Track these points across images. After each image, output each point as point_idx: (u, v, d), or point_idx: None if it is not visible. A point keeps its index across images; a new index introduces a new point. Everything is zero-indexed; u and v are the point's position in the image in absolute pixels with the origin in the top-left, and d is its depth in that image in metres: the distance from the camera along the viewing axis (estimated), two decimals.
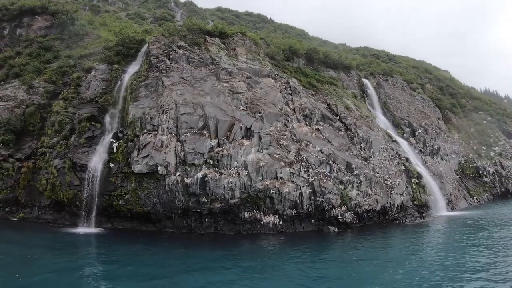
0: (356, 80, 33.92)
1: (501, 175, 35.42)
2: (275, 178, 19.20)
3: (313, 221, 19.86)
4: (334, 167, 20.98)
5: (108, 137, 21.14)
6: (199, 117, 19.98)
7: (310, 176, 19.90)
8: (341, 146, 22.75)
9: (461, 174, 32.82)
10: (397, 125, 31.87)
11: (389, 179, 23.12)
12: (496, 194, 34.17)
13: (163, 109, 20.21)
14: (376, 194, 21.79)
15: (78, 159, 20.24)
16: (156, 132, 19.60)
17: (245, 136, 20.09)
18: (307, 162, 20.37)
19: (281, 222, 19.17)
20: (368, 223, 21.43)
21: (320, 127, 23.42)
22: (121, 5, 52.49)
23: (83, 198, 19.13)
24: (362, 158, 23.11)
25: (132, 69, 24.23)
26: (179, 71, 22.60)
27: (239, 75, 23.01)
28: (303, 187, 19.54)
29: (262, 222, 18.79)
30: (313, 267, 13.49)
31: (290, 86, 24.54)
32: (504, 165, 36.47)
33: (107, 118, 22.13)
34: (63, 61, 25.86)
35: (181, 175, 18.54)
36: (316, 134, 22.71)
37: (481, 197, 32.48)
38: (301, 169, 19.93)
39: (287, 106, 23.16)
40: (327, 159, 21.06)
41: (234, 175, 18.69)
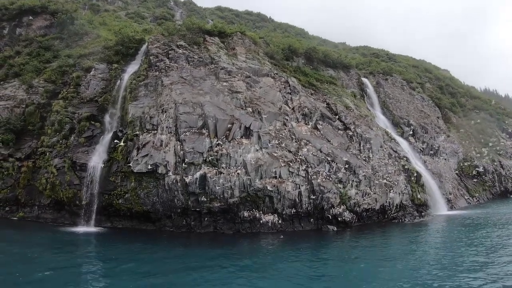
0: (356, 79, 33.89)
1: (500, 174, 35.44)
2: (274, 177, 19.24)
3: (312, 220, 19.91)
4: (333, 166, 21.02)
5: (108, 136, 21.19)
6: (198, 116, 20.02)
7: (309, 175, 19.95)
8: (340, 145, 22.78)
9: (460, 173, 32.82)
10: (396, 124, 31.88)
11: (388, 178, 23.15)
12: (496, 193, 34.20)
13: (162, 108, 20.25)
14: (375, 193, 21.83)
15: (78, 159, 20.29)
16: (156, 131, 19.64)
17: (244, 135, 20.13)
18: (306, 161, 20.41)
19: (280, 221, 19.22)
20: (367, 222, 21.47)
21: (319, 126, 23.45)
22: (120, 4, 52.46)
23: (82, 197, 19.18)
24: (361, 157, 23.15)
25: (131, 69, 24.28)
26: (179, 70, 22.64)
27: (238, 74, 23.04)
28: (302, 186, 19.58)
29: (262, 221, 18.84)
30: (311, 266, 13.54)
31: (290, 85, 24.56)
32: (503, 164, 36.49)
33: (107, 118, 22.18)
34: (62, 60, 25.89)
35: (181, 174, 18.59)
36: (315, 133, 22.75)
37: (481, 196, 32.51)
38: (300, 168, 19.97)
39: (286, 105, 23.19)
40: (326, 158, 21.10)
41: (233, 174, 18.74)
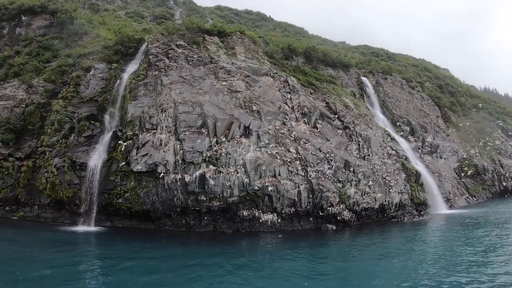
0: (355, 79, 33.90)
1: (500, 173, 35.44)
2: (274, 176, 19.29)
3: (311, 219, 19.96)
4: (333, 166, 21.06)
5: (108, 136, 21.24)
6: (197, 115, 20.06)
7: (309, 174, 19.99)
8: (339, 144, 22.82)
9: (460, 172, 32.83)
10: (396, 123, 31.89)
11: (387, 177, 23.19)
12: (495, 193, 34.20)
13: (162, 108, 20.30)
14: (374, 192, 21.87)
15: (78, 158, 20.34)
16: (155, 131, 19.69)
17: (244, 135, 20.18)
18: (305, 161, 20.46)
19: (279, 220, 19.27)
20: (366, 221, 21.51)
21: (318, 126, 23.49)
22: (120, 3, 52.45)
23: (82, 197, 19.24)
24: (361, 157, 23.19)
25: (131, 68, 24.30)
26: (178, 70, 22.68)
27: (237, 73, 23.07)
28: (301, 185, 19.63)
29: (261, 220, 18.89)
30: (310, 264, 13.59)
31: (289, 85, 24.59)
32: (503, 163, 36.49)
33: (107, 117, 22.22)
34: (62, 60, 25.90)
35: (180, 173, 18.64)
36: (315, 133, 22.78)
37: (480, 195, 32.54)
38: (300, 167, 20.01)
39: (285, 105, 23.23)
40: (325, 158, 21.15)
41: (232, 173, 18.78)
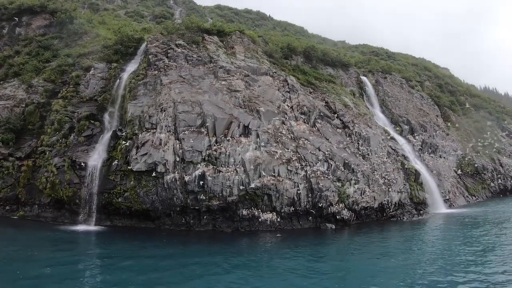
0: (355, 78, 33.91)
1: (499, 172, 35.48)
2: (273, 175, 19.33)
3: (310, 218, 20.00)
4: (332, 165, 21.10)
5: (107, 135, 21.30)
6: (197, 115, 20.11)
7: (308, 174, 20.03)
8: (338, 143, 22.85)
9: (459, 171, 32.90)
10: (395, 122, 31.92)
11: (386, 176, 23.23)
12: (495, 192, 34.25)
13: (161, 107, 20.34)
14: (373, 192, 21.92)
15: (78, 158, 20.39)
16: (155, 130, 19.74)
17: (243, 134, 20.23)
18: (304, 160, 20.50)
19: (279, 219, 19.31)
20: (365, 220, 21.57)
21: (318, 125, 23.52)
22: (120, 3, 52.47)
23: (82, 196, 19.31)
24: (360, 156, 23.22)
25: (130, 68, 24.35)
26: (178, 69, 22.71)
27: (237, 73, 23.10)
28: (300, 184, 19.67)
29: (260, 219, 18.93)
30: (309, 263, 13.63)
31: (288, 84, 24.62)
32: (502, 162, 36.53)
33: (106, 117, 22.27)
34: (62, 60, 25.93)
35: (180, 173, 18.70)
36: (314, 132, 22.81)
37: (480, 194, 32.59)
38: (299, 166, 20.05)
39: (285, 104, 23.26)
40: (324, 157, 21.19)
41: (232, 172, 18.83)
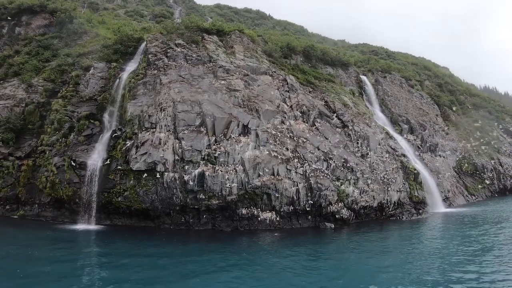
0: (354, 77, 33.91)
1: (499, 172, 35.50)
2: (272, 174, 19.38)
3: (310, 217, 20.07)
4: (331, 164, 21.15)
5: (107, 135, 21.35)
6: (196, 114, 20.15)
7: (307, 173, 20.07)
8: (338, 143, 22.89)
9: (459, 171, 32.91)
10: (395, 122, 31.95)
11: (386, 175, 23.27)
12: (494, 191, 34.28)
13: (161, 107, 20.38)
14: (373, 191, 21.96)
15: (78, 157, 20.44)
16: (154, 129, 19.78)
17: (242, 133, 20.26)
18: (304, 159, 20.54)
19: (278, 219, 19.36)
20: (365, 220, 21.63)
21: (317, 124, 23.56)
22: (119, 2, 52.45)
23: (82, 195, 19.35)
24: (359, 155, 23.26)
25: (130, 67, 24.39)
26: (177, 69, 22.74)
27: (236, 72, 23.12)
28: (300, 183, 19.72)
29: (260, 219, 18.99)
30: (308, 263, 13.69)
31: (288, 83, 24.65)
32: (502, 162, 36.53)
33: (106, 116, 22.31)
34: (62, 59, 25.95)
35: (179, 172, 18.74)
36: (313, 131, 22.85)
37: (479, 194, 32.62)
38: (298, 165, 20.09)
39: (284, 103, 23.29)
40: (324, 156, 21.23)
41: (231, 172, 18.88)
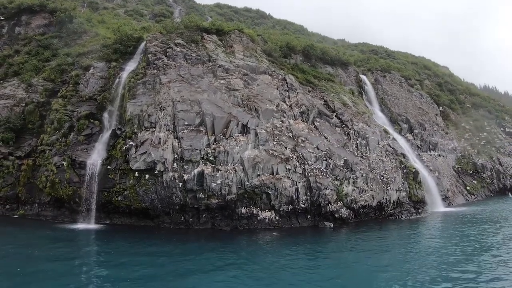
0: (354, 76, 33.93)
1: (499, 171, 35.50)
2: (272, 174, 19.41)
3: (309, 216, 20.11)
4: (330, 163, 21.18)
5: (107, 134, 21.40)
6: (196, 114, 20.18)
7: (306, 172, 20.11)
8: (337, 142, 22.92)
9: (458, 170, 32.94)
10: (394, 121, 31.98)
11: (385, 175, 23.30)
12: (494, 191, 34.30)
13: (160, 106, 20.42)
14: (372, 190, 22.00)
15: (77, 156, 20.49)
16: (154, 129, 19.82)
17: (242, 133, 20.29)
18: (303, 158, 20.57)
19: (277, 218, 19.41)
20: (364, 219, 21.66)
21: (316, 124, 23.59)
22: (119, 1, 52.39)
23: (82, 195, 19.40)
24: (358, 154, 23.28)
25: (130, 67, 24.42)
26: (176, 68, 22.77)
27: (235, 72, 23.15)
28: (299, 183, 19.76)
29: (259, 218, 19.03)
30: (307, 262, 13.75)
31: (287, 83, 24.67)
32: (502, 161, 36.54)
33: (106, 116, 22.36)
34: (61, 59, 26.00)
35: (179, 171, 18.78)
36: (313, 131, 22.88)
37: (479, 193, 32.64)
38: (297, 165, 20.13)
39: (283, 103, 23.31)
40: (323, 155, 21.26)
41: (230, 171, 18.92)
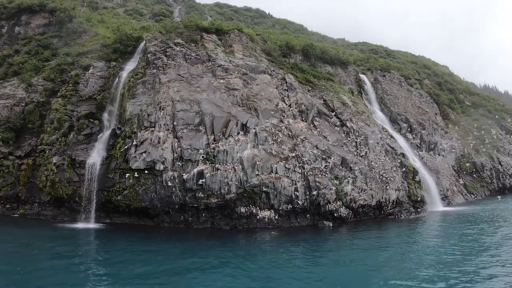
0: (354, 76, 33.95)
1: (498, 170, 35.54)
2: (271, 173, 19.45)
3: (308, 216, 20.15)
4: (330, 163, 21.22)
5: (107, 134, 21.44)
6: (195, 113, 20.22)
7: (306, 172, 20.15)
8: (336, 141, 22.95)
9: (458, 169, 32.97)
10: (394, 120, 32.01)
11: (384, 174, 23.32)
12: (493, 190, 34.33)
13: (160, 106, 20.45)
14: (371, 189, 22.03)
15: (77, 156, 20.53)
16: (153, 128, 19.86)
17: (241, 132, 20.32)
18: (302, 158, 20.60)
19: (276, 217, 19.45)
20: (363, 218, 21.70)
21: (316, 123, 23.63)
22: (119, 1, 52.39)
23: (82, 194, 19.45)
24: (358, 154, 23.32)
25: (129, 66, 24.46)
26: (176, 68, 22.81)
27: (235, 71, 23.18)
28: (298, 182, 19.80)
29: (258, 217, 19.07)
30: (306, 261, 13.81)
31: (286, 82, 24.70)
32: (501, 160, 36.58)
33: (105, 115, 22.40)
34: (61, 58, 26.03)
35: (178, 171, 18.83)
36: (312, 130, 22.92)
37: (478, 192, 32.68)
38: (297, 164, 20.17)
39: (283, 102, 23.35)
40: (322, 155, 21.29)
41: (230, 170, 18.96)
